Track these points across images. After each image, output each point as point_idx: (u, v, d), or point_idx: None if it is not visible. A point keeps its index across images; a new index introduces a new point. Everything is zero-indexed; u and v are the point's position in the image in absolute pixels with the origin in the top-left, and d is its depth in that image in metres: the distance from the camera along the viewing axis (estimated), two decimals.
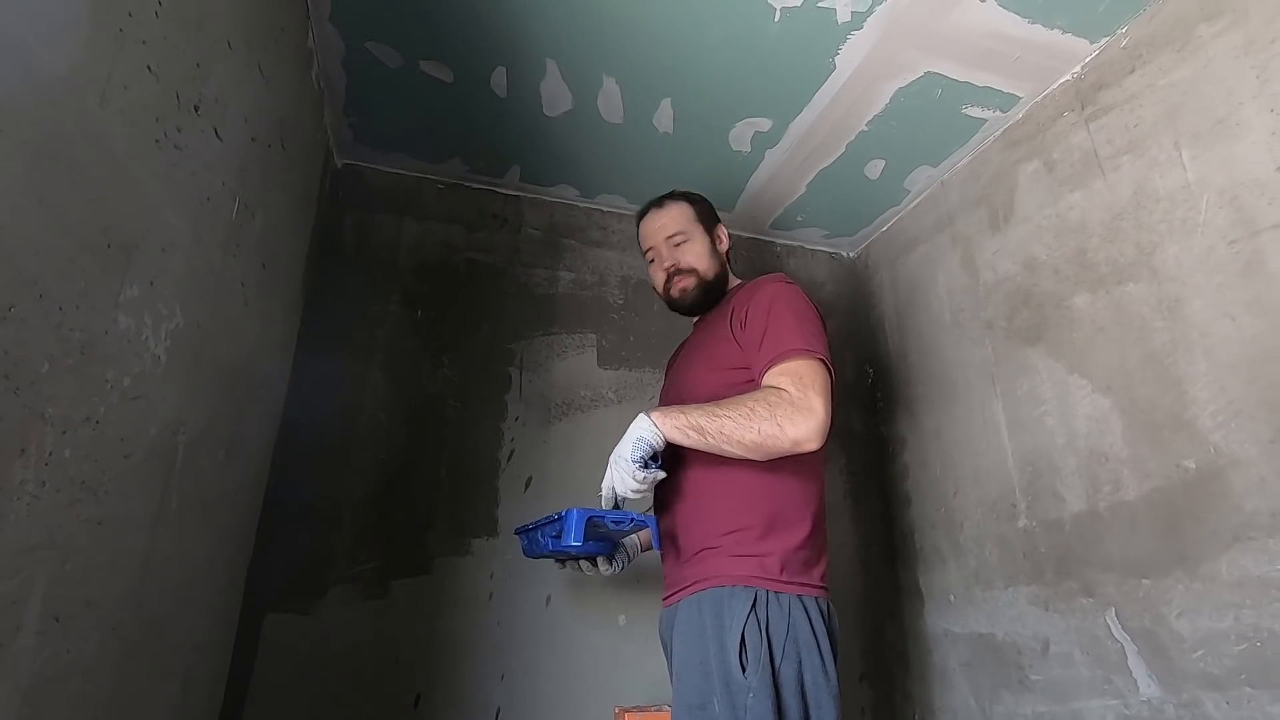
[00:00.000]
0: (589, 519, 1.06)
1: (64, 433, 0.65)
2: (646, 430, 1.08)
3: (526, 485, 1.67)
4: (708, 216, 1.44)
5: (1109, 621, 1.29)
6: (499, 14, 1.34)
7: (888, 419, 2.01)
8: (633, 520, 1.08)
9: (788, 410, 1.04)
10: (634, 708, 1.35)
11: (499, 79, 1.51)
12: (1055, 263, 1.48)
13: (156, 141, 0.78)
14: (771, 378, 1.10)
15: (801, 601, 1.06)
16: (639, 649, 1.58)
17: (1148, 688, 1.21)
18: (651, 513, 1.25)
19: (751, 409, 1.05)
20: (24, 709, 0.64)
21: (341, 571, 1.50)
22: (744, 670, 0.99)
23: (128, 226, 0.74)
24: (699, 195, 1.47)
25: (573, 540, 1.05)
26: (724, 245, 1.44)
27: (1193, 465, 1.17)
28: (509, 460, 1.69)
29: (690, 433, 1.07)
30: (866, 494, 1.97)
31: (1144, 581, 1.23)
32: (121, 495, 0.79)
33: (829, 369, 1.11)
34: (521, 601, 1.58)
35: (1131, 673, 1.23)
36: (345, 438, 1.59)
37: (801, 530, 1.12)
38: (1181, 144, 1.24)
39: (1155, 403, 1.24)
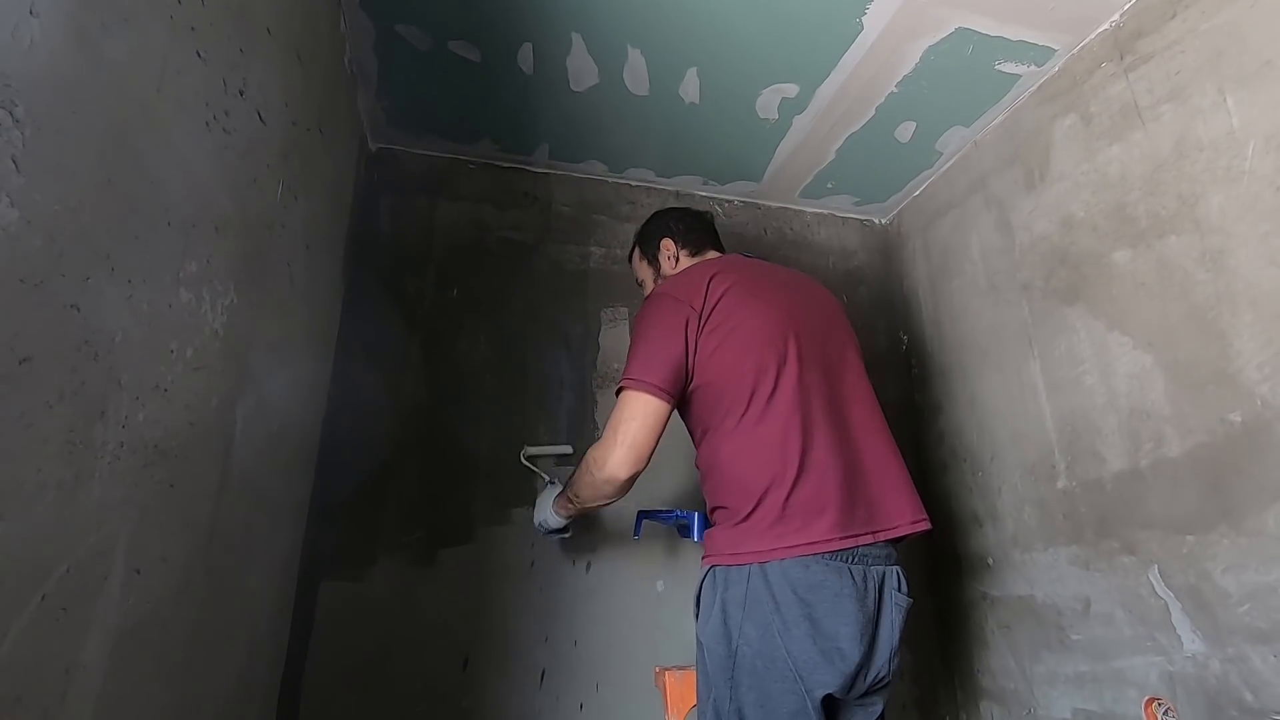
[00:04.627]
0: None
1: (136, 398, 0.70)
2: (548, 515, 1.40)
3: (565, 457, 1.71)
4: (646, 247, 1.53)
5: (1151, 579, 1.28)
6: None
7: (922, 386, 2.00)
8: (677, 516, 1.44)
9: (596, 453, 1.18)
10: (673, 667, 1.38)
11: (525, 56, 1.52)
12: (1094, 219, 1.45)
13: (206, 125, 0.83)
14: None
15: (763, 569, 1.06)
16: (677, 613, 1.62)
17: (1192, 643, 1.20)
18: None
19: (579, 468, 1.24)
20: (114, 652, 0.69)
21: (389, 541, 1.56)
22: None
23: (184, 206, 0.78)
24: (645, 225, 1.57)
25: (696, 538, 1.35)
26: (666, 254, 1.48)
27: (1238, 419, 1.15)
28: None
29: (568, 508, 1.32)
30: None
31: (1187, 538, 1.22)
32: (188, 461, 0.84)
33: (647, 385, 1.14)
34: (562, 568, 1.63)
35: (1175, 629, 1.23)
36: (388, 414, 1.65)
37: (745, 507, 1.11)
38: (1226, 89, 1.20)
39: (1199, 357, 1.22)
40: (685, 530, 1.42)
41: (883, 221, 2.24)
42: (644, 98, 1.66)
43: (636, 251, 1.56)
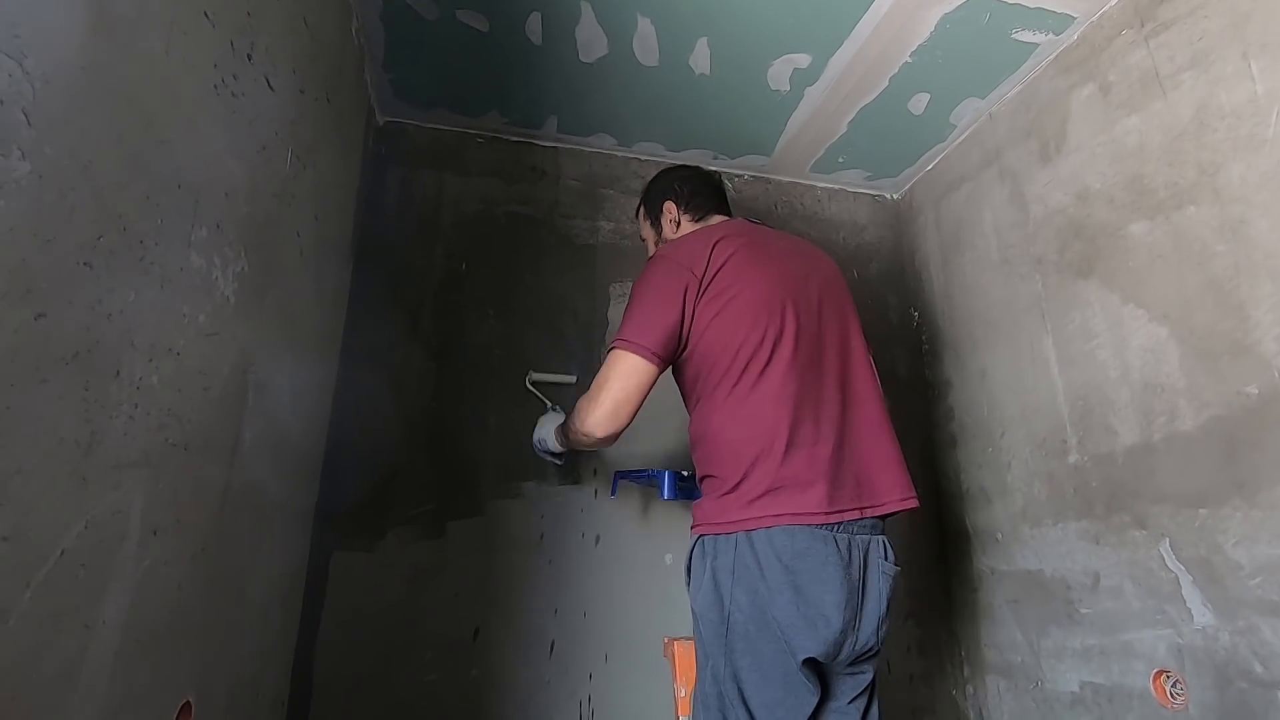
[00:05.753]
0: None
1: (150, 360, 0.71)
2: (547, 436, 1.44)
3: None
4: (650, 209, 1.50)
5: (1163, 553, 1.27)
6: None
7: (933, 362, 1.99)
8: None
9: (582, 405, 1.20)
10: (682, 638, 1.39)
11: (534, 25, 1.50)
12: (1110, 191, 1.42)
13: (215, 88, 0.82)
14: None
15: (749, 537, 1.06)
16: (684, 586, 1.63)
17: (1202, 616, 1.20)
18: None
19: (581, 399, 1.23)
20: (132, 610, 0.70)
21: (400, 514, 1.57)
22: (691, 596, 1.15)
23: (194, 170, 0.78)
24: (650, 183, 1.54)
25: (666, 495, 1.39)
26: (667, 217, 1.45)
27: (1255, 391, 1.14)
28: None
29: (563, 441, 1.36)
30: (911, 438, 1.95)
31: (1200, 511, 1.21)
32: (202, 426, 0.85)
33: (639, 347, 1.14)
34: (571, 542, 1.64)
35: (1185, 602, 1.22)
36: (397, 387, 1.65)
37: (734, 477, 1.10)
38: (1250, 55, 1.17)
39: (1215, 329, 1.21)
40: (659, 489, 1.42)
41: (894, 196, 2.21)
42: (653, 69, 1.64)
43: (641, 210, 1.54)
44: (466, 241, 1.80)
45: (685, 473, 1.44)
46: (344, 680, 1.44)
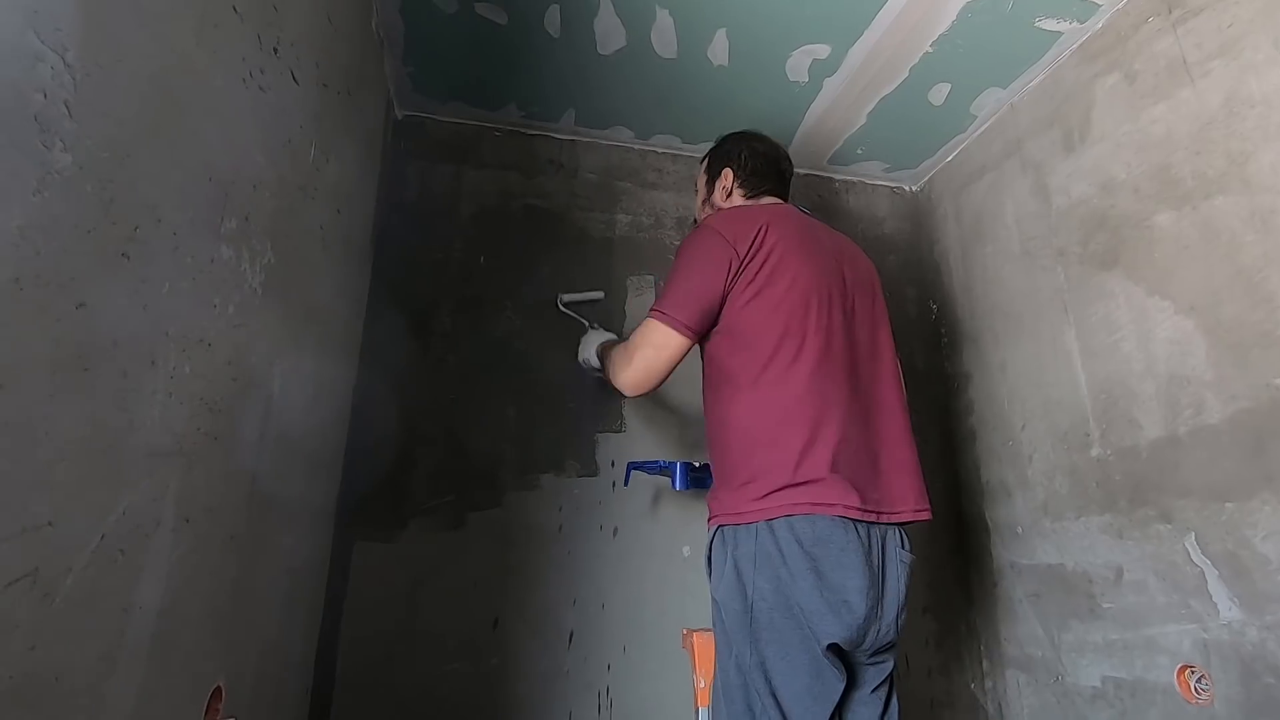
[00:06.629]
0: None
1: (183, 350, 0.72)
2: (591, 356, 1.54)
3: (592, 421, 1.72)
4: (713, 164, 1.47)
5: (1188, 547, 1.26)
6: None
7: (952, 355, 1.98)
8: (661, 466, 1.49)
9: (617, 360, 1.27)
10: (701, 629, 1.40)
11: (552, 18, 1.50)
12: (1135, 181, 1.40)
13: (243, 81, 0.83)
14: None
15: (769, 525, 1.06)
16: (703, 577, 1.61)
17: (1229, 611, 1.18)
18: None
19: (611, 357, 1.32)
20: (166, 595, 0.72)
21: (419, 505, 1.58)
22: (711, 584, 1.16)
23: (224, 162, 0.79)
24: (721, 141, 1.49)
25: (678, 486, 1.44)
26: (722, 184, 1.43)
27: None
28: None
29: (600, 364, 1.45)
30: (930, 431, 1.94)
31: (1227, 505, 1.20)
32: (231, 415, 0.86)
33: (674, 320, 1.18)
34: (590, 534, 1.64)
35: (1211, 596, 1.21)
36: (416, 379, 1.66)
37: (753, 467, 1.11)
38: None
39: (1244, 321, 1.19)
40: (671, 480, 1.45)
41: (913, 188, 2.20)
42: (671, 61, 1.63)
43: (705, 163, 1.50)
44: (484, 234, 1.81)
45: (697, 463, 1.46)
46: (366, 668, 1.46)
